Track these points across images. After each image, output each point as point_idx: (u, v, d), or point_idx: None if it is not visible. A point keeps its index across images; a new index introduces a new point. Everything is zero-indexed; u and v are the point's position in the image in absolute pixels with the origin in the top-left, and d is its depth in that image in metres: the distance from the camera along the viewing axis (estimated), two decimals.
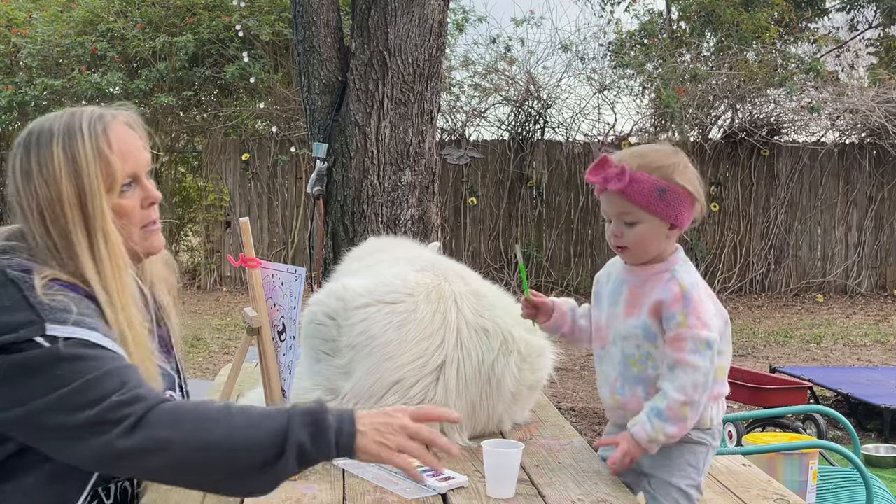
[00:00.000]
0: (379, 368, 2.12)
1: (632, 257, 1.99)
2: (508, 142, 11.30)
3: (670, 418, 1.88)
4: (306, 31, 4.28)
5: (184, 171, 12.67)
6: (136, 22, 11.25)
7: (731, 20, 11.19)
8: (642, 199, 1.89)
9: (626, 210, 1.92)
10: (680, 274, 1.94)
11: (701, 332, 1.87)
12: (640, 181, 1.88)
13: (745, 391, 5.07)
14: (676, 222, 1.93)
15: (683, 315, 1.88)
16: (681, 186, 1.90)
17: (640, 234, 1.93)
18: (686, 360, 1.87)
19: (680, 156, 1.95)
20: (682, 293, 1.90)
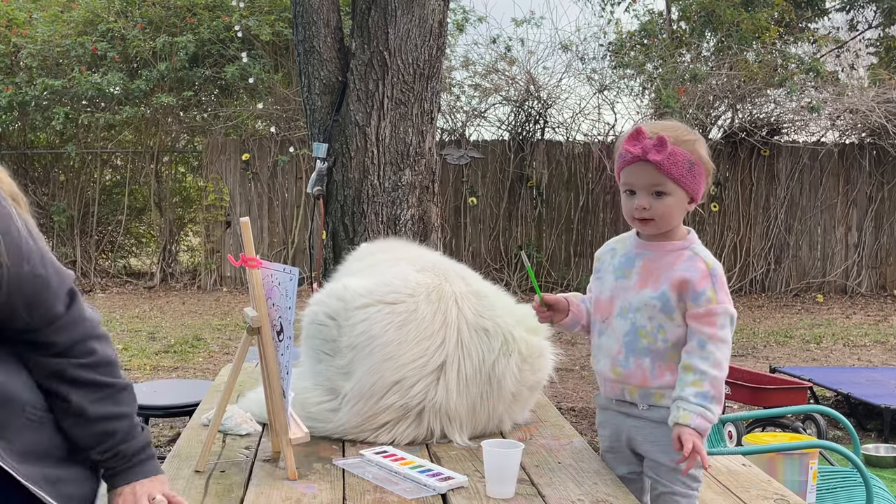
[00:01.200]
0: (380, 368, 2.13)
1: (654, 229, 2.03)
2: (508, 142, 11.30)
3: (715, 397, 1.93)
4: (306, 31, 4.28)
5: (184, 171, 12.67)
6: (136, 22, 11.25)
7: (731, 20, 11.20)
8: (676, 171, 1.96)
9: (658, 182, 1.97)
10: (703, 252, 2.03)
11: (730, 307, 1.97)
12: (675, 153, 1.96)
13: (745, 391, 5.07)
14: (696, 196, 2.03)
15: (713, 291, 1.96)
16: (704, 161, 2.01)
17: (668, 206, 1.99)
18: (718, 336, 1.94)
19: (698, 134, 2.06)
20: (709, 270, 1.98)
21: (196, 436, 2.25)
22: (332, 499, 1.78)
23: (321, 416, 2.20)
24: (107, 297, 10.90)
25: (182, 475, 1.93)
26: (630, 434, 2.07)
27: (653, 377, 1.99)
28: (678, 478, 2.02)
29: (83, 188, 11.91)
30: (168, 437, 4.99)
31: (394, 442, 2.13)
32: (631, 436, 2.07)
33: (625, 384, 2.03)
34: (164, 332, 8.42)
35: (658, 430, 2.01)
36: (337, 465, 1.99)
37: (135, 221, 12.68)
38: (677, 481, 2.03)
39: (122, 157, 12.32)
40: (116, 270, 12.02)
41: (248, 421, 2.27)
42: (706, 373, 1.91)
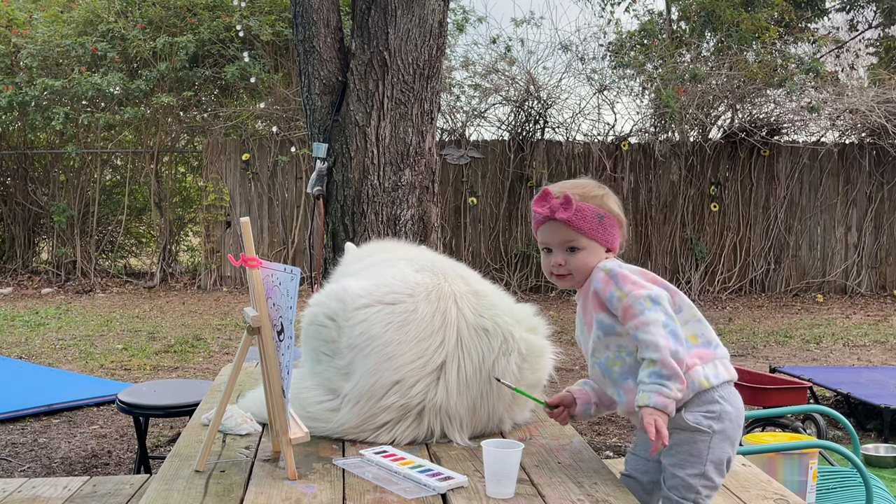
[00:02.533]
0: (379, 369, 2.12)
1: (571, 283, 2.12)
2: (508, 142, 11.31)
3: (670, 375, 1.91)
4: (306, 31, 4.28)
5: (184, 171, 12.68)
6: (136, 22, 11.26)
7: (731, 20, 11.20)
8: (585, 225, 2.06)
9: (569, 238, 2.06)
10: (603, 264, 2.07)
11: (637, 291, 1.97)
12: (582, 209, 2.06)
13: (745, 391, 5.07)
14: (612, 246, 2.10)
15: (618, 290, 2.00)
16: (614, 213, 2.10)
17: (582, 259, 2.07)
18: (641, 321, 1.94)
19: (606, 187, 2.16)
20: (607, 275, 2.03)
21: (196, 436, 2.25)
22: (332, 499, 1.78)
23: (321, 416, 2.20)
24: (107, 297, 10.90)
25: (182, 475, 1.93)
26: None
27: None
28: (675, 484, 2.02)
29: (83, 188, 11.91)
30: (168, 437, 4.99)
31: (394, 442, 2.13)
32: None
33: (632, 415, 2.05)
34: (164, 332, 8.42)
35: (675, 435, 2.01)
36: (337, 464, 1.99)
37: (135, 221, 12.68)
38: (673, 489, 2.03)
39: (122, 157, 12.32)
40: (116, 270, 12.02)
41: (248, 421, 2.27)
42: (653, 358, 1.92)
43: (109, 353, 7.42)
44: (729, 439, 2.04)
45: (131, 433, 4.91)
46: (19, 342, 7.90)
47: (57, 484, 3.09)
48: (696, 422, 2.00)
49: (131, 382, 6.11)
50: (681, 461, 2.02)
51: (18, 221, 12.05)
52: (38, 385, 6.03)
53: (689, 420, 2.00)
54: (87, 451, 4.75)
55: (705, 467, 2.02)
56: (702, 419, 2.01)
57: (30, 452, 4.73)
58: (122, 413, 4.31)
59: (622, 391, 2.05)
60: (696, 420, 2.00)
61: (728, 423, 2.03)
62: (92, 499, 2.93)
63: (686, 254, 11.45)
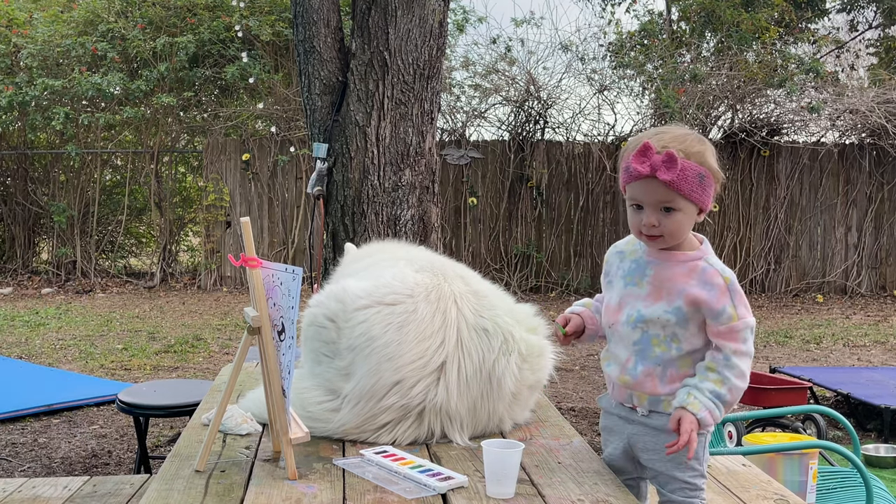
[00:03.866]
0: (380, 369, 2.12)
1: (663, 244, 1.97)
2: (508, 142, 11.30)
3: (729, 402, 1.93)
4: (306, 32, 4.28)
5: (184, 172, 12.67)
6: (136, 22, 11.26)
7: (731, 20, 11.20)
8: (686, 186, 1.89)
9: (667, 198, 1.90)
10: (718, 265, 1.96)
11: (750, 319, 1.93)
12: (686, 169, 1.87)
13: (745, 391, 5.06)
14: (705, 207, 1.95)
15: (733, 307, 1.92)
16: (714, 171, 1.93)
17: (677, 221, 1.93)
18: (742, 350, 1.92)
19: (705, 139, 1.98)
20: (727, 286, 1.93)
21: (196, 436, 2.25)
22: (332, 499, 1.78)
23: (321, 416, 2.20)
24: (107, 297, 10.90)
25: (182, 475, 1.93)
26: (631, 441, 2.07)
27: (663, 384, 1.97)
28: (676, 487, 2.02)
29: (83, 188, 11.91)
30: (168, 437, 4.99)
31: (395, 442, 2.13)
32: (632, 443, 2.07)
33: (633, 390, 2.02)
34: (164, 332, 8.42)
35: (658, 437, 2.01)
36: (337, 464, 1.99)
37: (135, 221, 12.68)
38: (678, 491, 2.03)
39: (122, 157, 12.32)
40: (116, 270, 12.02)
41: (248, 421, 2.27)
42: (729, 379, 1.91)
43: (109, 353, 7.42)
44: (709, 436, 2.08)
45: (131, 433, 4.91)
46: (19, 342, 7.90)
47: (57, 484, 3.09)
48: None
49: (131, 382, 6.11)
50: (680, 464, 2.01)
51: (18, 221, 12.05)
52: (38, 385, 6.03)
53: None
54: (87, 451, 4.75)
55: (702, 465, 2.04)
56: None
57: (30, 452, 4.73)
58: (122, 413, 4.31)
59: (643, 371, 1.99)
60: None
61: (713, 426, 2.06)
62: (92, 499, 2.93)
63: None
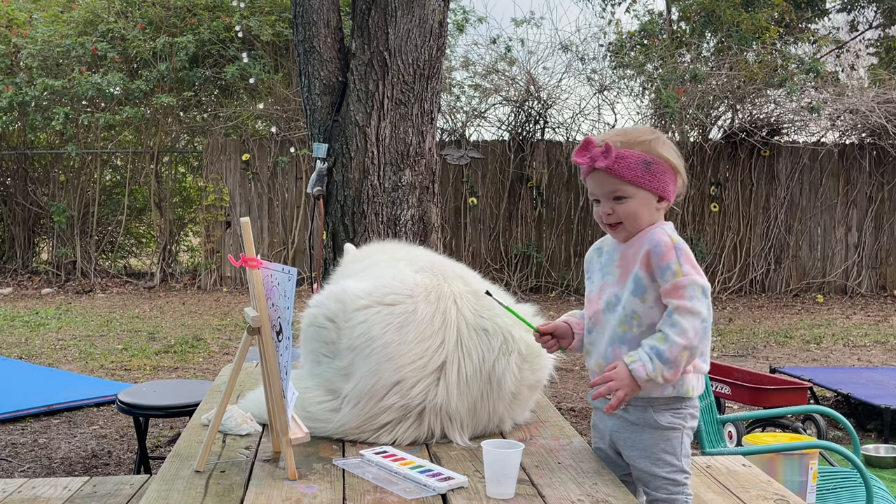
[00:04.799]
0: (379, 369, 2.12)
1: (625, 233, 2.02)
2: (508, 142, 11.31)
3: (669, 361, 1.90)
4: (306, 32, 4.28)
5: (184, 172, 12.67)
6: (136, 22, 11.26)
7: (731, 20, 11.20)
8: (629, 173, 1.95)
9: (614, 187, 1.97)
10: (668, 228, 1.99)
11: (696, 277, 1.91)
12: (625, 156, 1.95)
13: (745, 391, 5.07)
14: (664, 194, 1.99)
15: (678, 264, 1.92)
16: (664, 158, 1.97)
17: (631, 209, 1.98)
18: (686, 306, 1.89)
19: (658, 132, 2.02)
20: (673, 244, 1.94)
21: (196, 436, 2.25)
22: (332, 499, 1.78)
23: (321, 417, 2.20)
24: (107, 297, 10.90)
25: (182, 475, 1.93)
26: (612, 437, 2.09)
27: None
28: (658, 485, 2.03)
29: (83, 188, 11.91)
30: (168, 437, 4.99)
31: (395, 443, 2.13)
32: (614, 439, 2.09)
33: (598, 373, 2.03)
34: (164, 332, 8.42)
35: (636, 434, 2.03)
36: (337, 465, 1.99)
37: (135, 221, 12.68)
38: (661, 489, 2.03)
39: (122, 158, 12.32)
40: (116, 270, 12.02)
41: (248, 421, 2.27)
42: (668, 337, 1.90)
43: (109, 353, 7.42)
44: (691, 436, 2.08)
45: (131, 433, 4.91)
46: (19, 342, 7.90)
47: (57, 484, 3.09)
48: (669, 422, 2.01)
49: (131, 382, 6.11)
50: (657, 461, 2.02)
51: (18, 221, 12.05)
52: (38, 385, 6.03)
53: (662, 421, 2.01)
54: (87, 452, 4.75)
55: (681, 461, 2.04)
56: (673, 419, 2.02)
57: (30, 452, 4.73)
58: (122, 413, 4.31)
59: (611, 352, 2.02)
60: (669, 420, 2.01)
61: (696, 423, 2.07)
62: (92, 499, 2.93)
63: None
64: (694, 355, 1.92)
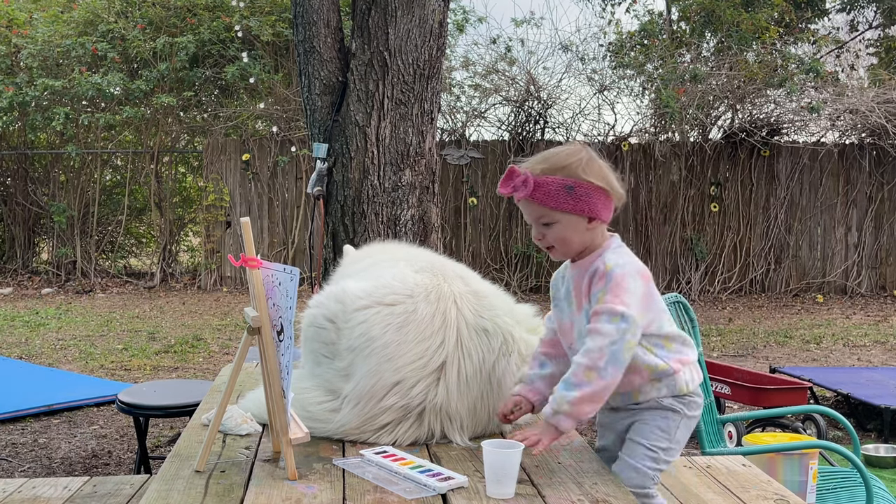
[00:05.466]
0: (379, 370, 2.12)
1: (560, 255, 2.07)
2: (508, 142, 11.31)
3: (573, 384, 1.93)
4: (306, 32, 4.28)
5: (184, 172, 12.67)
6: (136, 22, 11.26)
7: (731, 20, 11.20)
8: (550, 201, 1.98)
9: (540, 214, 2.01)
10: (608, 255, 2.01)
11: (616, 306, 1.93)
12: (545, 184, 1.98)
13: (746, 391, 5.07)
14: (593, 214, 2.00)
15: (603, 292, 1.96)
16: (588, 182, 1.99)
17: (558, 233, 2.02)
18: (596, 328, 1.94)
19: (584, 152, 2.03)
20: (606, 271, 1.97)
21: (196, 436, 2.25)
22: (332, 499, 1.78)
23: (321, 417, 2.20)
24: (107, 297, 10.90)
25: (182, 475, 1.93)
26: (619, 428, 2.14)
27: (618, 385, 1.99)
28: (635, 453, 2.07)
29: (83, 188, 11.91)
30: (168, 437, 4.99)
31: (395, 443, 2.13)
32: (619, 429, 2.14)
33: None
34: (164, 332, 8.42)
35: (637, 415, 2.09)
36: (337, 465, 1.99)
37: (135, 221, 12.68)
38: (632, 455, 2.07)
39: (122, 158, 12.32)
40: (116, 270, 12.02)
41: (248, 421, 2.27)
42: (574, 360, 1.96)
43: (109, 353, 7.42)
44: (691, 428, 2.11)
45: (131, 433, 4.91)
46: (19, 342, 7.90)
47: (57, 484, 3.09)
48: (670, 403, 2.07)
49: (131, 382, 6.11)
50: (648, 433, 2.06)
51: (18, 221, 12.05)
52: (38, 385, 6.03)
53: (664, 402, 2.07)
54: (87, 452, 4.75)
55: (671, 443, 2.07)
56: (674, 402, 2.08)
57: (30, 452, 4.73)
58: (122, 413, 4.31)
59: None
60: (670, 403, 2.07)
61: (697, 413, 2.10)
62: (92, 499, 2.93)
63: (686, 254, 11.45)
64: (604, 377, 1.91)
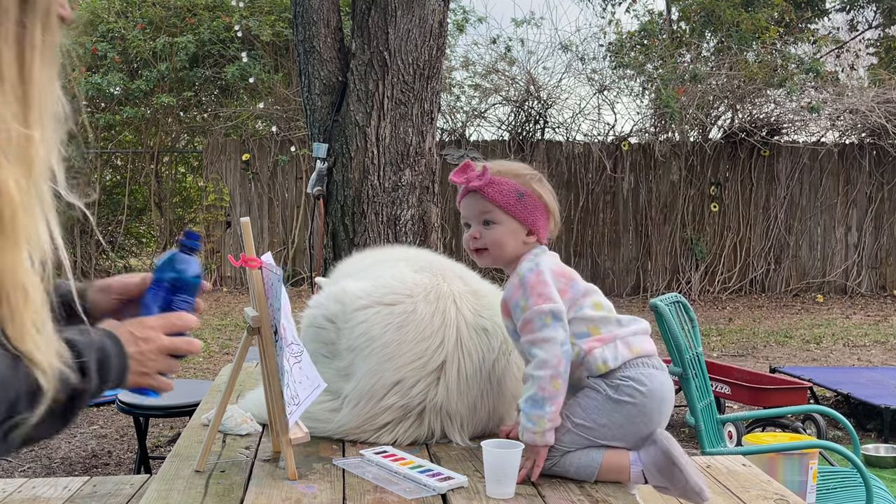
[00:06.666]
0: (379, 369, 2.12)
1: (490, 260, 2.04)
2: (508, 142, 11.31)
3: (545, 398, 1.86)
4: (306, 32, 4.28)
5: (184, 172, 12.68)
6: (136, 22, 11.26)
7: (731, 20, 11.20)
8: (501, 199, 1.98)
9: (485, 209, 2.00)
10: (522, 266, 1.98)
11: (543, 306, 1.89)
12: (500, 183, 2.00)
13: (745, 391, 5.08)
14: (534, 227, 2.00)
15: (525, 300, 1.92)
16: (538, 194, 2.01)
17: (497, 235, 2.00)
18: (538, 337, 1.88)
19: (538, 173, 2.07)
20: (519, 281, 1.95)
21: (196, 436, 2.25)
22: (332, 499, 1.78)
23: (321, 417, 2.20)
24: None
25: (182, 475, 1.93)
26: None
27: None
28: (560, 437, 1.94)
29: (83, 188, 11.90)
30: (168, 437, 4.99)
31: (395, 442, 2.13)
32: None
33: None
34: None
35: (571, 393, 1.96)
36: (337, 465, 1.99)
37: (135, 221, 12.68)
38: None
39: (123, 157, 12.32)
40: (117, 270, 12.02)
41: (248, 421, 2.27)
42: (533, 377, 1.88)
43: None
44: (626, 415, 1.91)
45: (131, 433, 4.91)
46: None
47: (57, 484, 3.09)
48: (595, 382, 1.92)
49: None
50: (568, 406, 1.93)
51: None
52: None
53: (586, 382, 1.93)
54: (87, 451, 4.75)
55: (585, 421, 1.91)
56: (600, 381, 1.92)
57: (30, 452, 4.73)
58: (122, 413, 4.31)
59: None
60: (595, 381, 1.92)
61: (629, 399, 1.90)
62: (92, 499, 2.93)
63: (686, 254, 11.45)
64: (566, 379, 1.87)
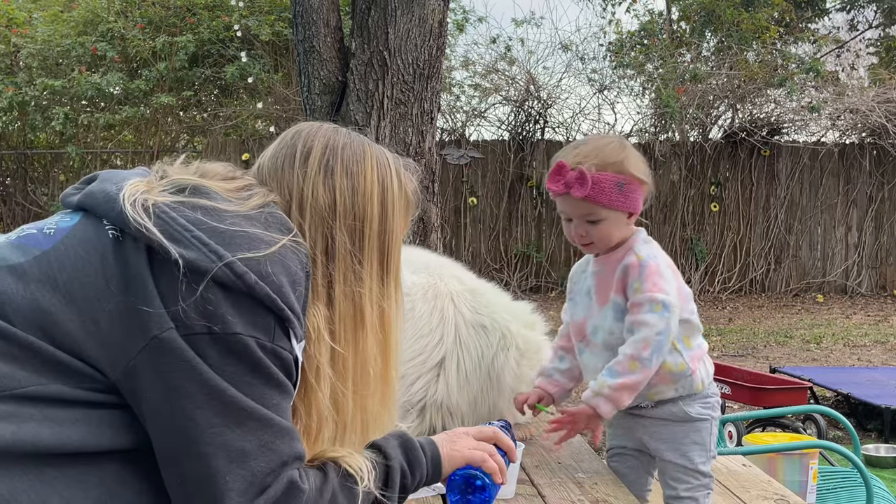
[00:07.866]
0: None
1: (597, 250, 2.06)
2: (508, 142, 11.30)
3: (616, 371, 1.92)
4: (306, 31, 4.28)
5: None
6: (136, 22, 11.25)
7: (731, 20, 11.20)
8: (604, 198, 1.94)
9: (588, 211, 1.97)
10: (640, 248, 2.01)
11: (656, 294, 1.92)
12: (601, 181, 1.93)
13: (746, 391, 5.07)
14: (634, 210, 2.01)
15: (640, 282, 1.94)
16: (635, 177, 1.98)
17: (604, 230, 1.99)
18: (639, 320, 1.92)
19: (626, 144, 2.03)
20: (639, 262, 1.97)
21: None
22: None
23: None
24: None
25: None
26: (640, 433, 2.10)
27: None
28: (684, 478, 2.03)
29: None
30: None
31: None
32: (640, 435, 2.10)
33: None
34: None
35: (665, 428, 2.04)
36: None
37: None
38: (682, 481, 2.04)
39: (122, 157, 12.31)
40: None
41: None
42: (620, 351, 1.93)
43: None
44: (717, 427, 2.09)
45: None
46: None
47: None
48: (698, 413, 2.03)
49: None
50: (687, 452, 2.03)
51: (18, 222, 12.05)
52: None
53: (692, 412, 2.03)
54: None
55: (710, 452, 2.05)
56: (701, 409, 2.04)
57: None
58: None
59: None
60: (698, 412, 2.03)
61: (718, 408, 2.08)
62: None
63: (686, 254, 11.45)
64: (647, 368, 1.91)
